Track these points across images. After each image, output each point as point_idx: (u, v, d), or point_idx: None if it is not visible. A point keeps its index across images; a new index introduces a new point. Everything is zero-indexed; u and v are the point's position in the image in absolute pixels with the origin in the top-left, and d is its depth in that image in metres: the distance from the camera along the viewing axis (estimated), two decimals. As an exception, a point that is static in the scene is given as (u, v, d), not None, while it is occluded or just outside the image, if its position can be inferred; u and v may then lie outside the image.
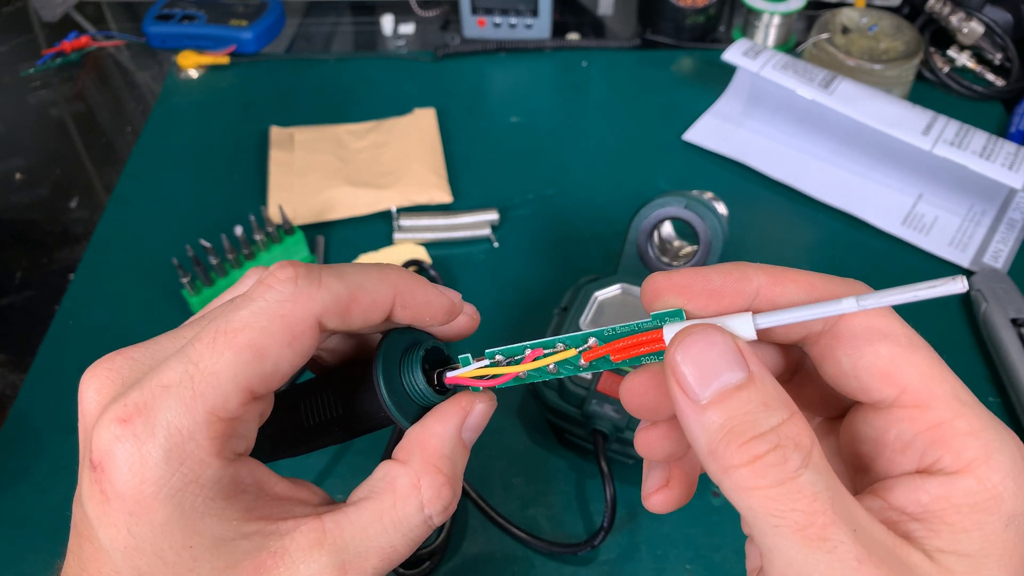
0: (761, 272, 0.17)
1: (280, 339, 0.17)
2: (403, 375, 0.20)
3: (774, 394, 0.15)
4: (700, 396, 0.15)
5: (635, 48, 0.68)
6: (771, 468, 0.14)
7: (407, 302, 0.19)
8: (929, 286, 0.15)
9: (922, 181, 0.53)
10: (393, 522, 0.18)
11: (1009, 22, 0.63)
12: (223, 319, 0.17)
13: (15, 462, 0.41)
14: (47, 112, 0.64)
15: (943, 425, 0.16)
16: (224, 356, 0.16)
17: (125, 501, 0.16)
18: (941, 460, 0.16)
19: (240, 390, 0.16)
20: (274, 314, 0.17)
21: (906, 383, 0.16)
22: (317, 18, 0.74)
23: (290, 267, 0.17)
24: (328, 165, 0.55)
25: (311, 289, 0.17)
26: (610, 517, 0.35)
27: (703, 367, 0.15)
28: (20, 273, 0.52)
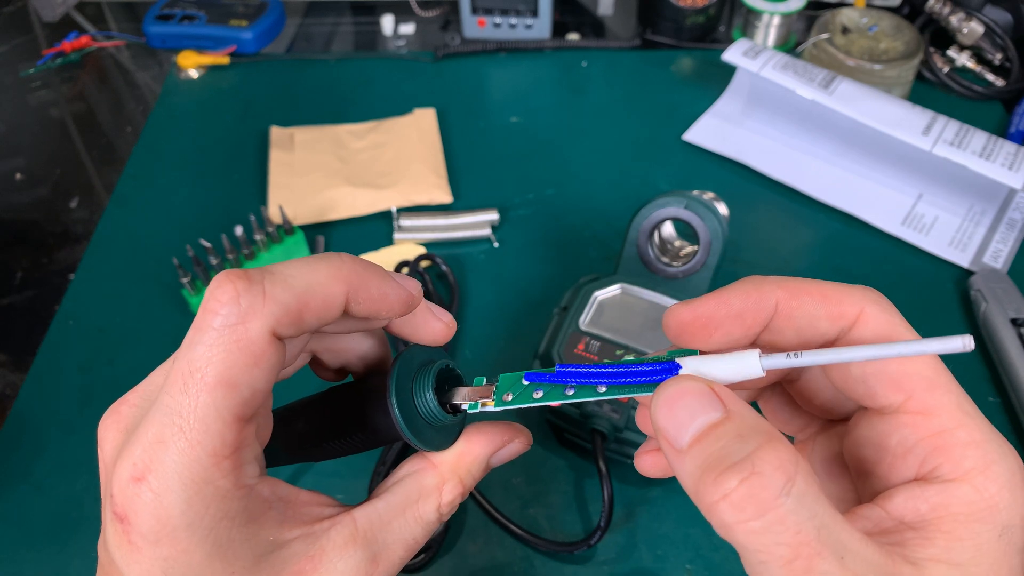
0: (778, 287, 0.18)
1: (243, 365, 0.17)
2: (416, 398, 0.21)
3: (751, 424, 0.15)
4: (681, 443, 0.16)
5: (635, 48, 0.68)
6: (749, 499, 0.14)
7: (361, 297, 0.19)
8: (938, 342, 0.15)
9: (922, 181, 0.53)
10: (415, 517, 0.20)
11: (1009, 22, 0.63)
12: (184, 360, 0.17)
13: (15, 462, 0.41)
14: (47, 112, 0.64)
15: (945, 433, 0.16)
16: (201, 399, 0.17)
17: (159, 547, 0.17)
18: (941, 467, 0.16)
19: (229, 424, 0.17)
20: (228, 342, 0.17)
21: (912, 390, 0.17)
22: (317, 18, 0.74)
23: (228, 283, 0.17)
24: (328, 165, 0.55)
25: (256, 305, 0.17)
26: (607, 517, 0.35)
27: (679, 415, 0.16)
28: (20, 273, 0.52)
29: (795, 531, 0.14)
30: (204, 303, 0.17)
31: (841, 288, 0.18)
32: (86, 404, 0.43)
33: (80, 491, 0.40)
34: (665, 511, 0.38)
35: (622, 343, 0.39)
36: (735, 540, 0.15)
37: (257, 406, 0.18)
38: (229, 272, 0.17)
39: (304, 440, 0.22)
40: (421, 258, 0.47)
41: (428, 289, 0.46)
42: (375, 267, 0.20)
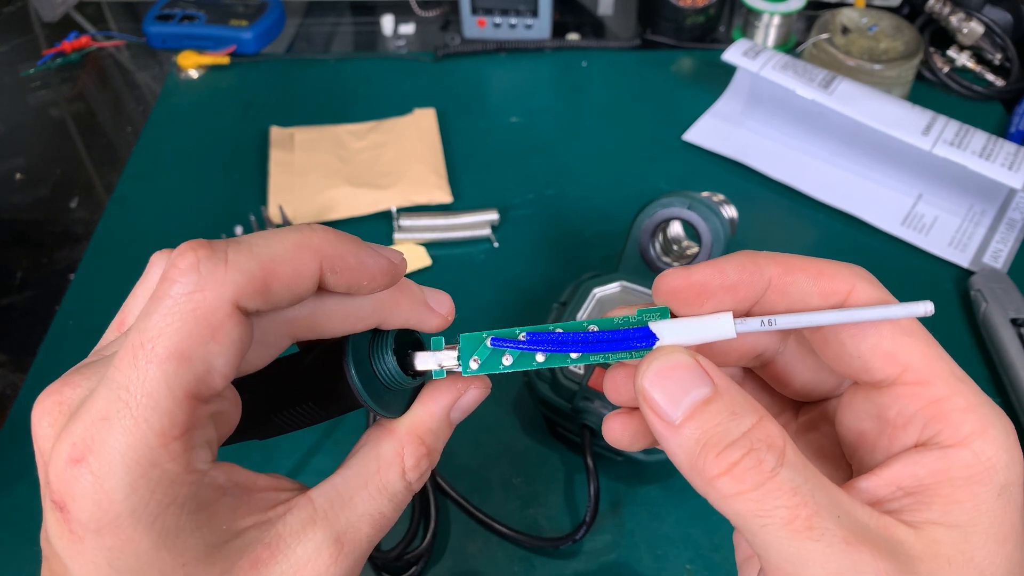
0: (772, 262, 0.18)
1: (200, 336, 0.15)
2: (374, 362, 0.19)
3: (741, 401, 0.16)
4: (673, 417, 0.16)
5: (635, 48, 0.68)
6: (749, 472, 0.15)
7: (337, 267, 0.17)
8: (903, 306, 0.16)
9: (922, 181, 0.53)
10: (378, 488, 0.19)
11: (1009, 22, 0.63)
12: (136, 330, 0.15)
13: (15, 462, 0.41)
14: (47, 112, 0.64)
15: (942, 401, 0.17)
16: (150, 372, 0.15)
17: (101, 536, 0.15)
18: (940, 434, 0.16)
19: (181, 402, 0.15)
20: (184, 311, 0.15)
21: (908, 362, 0.17)
22: (317, 18, 0.74)
23: (190, 252, 0.16)
24: (328, 165, 0.55)
25: (217, 273, 0.16)
26: (592, 512, 0.35)
27: (671, 389, 0.16)
28: (20, 273, 0.52)
29: (792, 494, 0.15)
30: (164, 272, 0.16)
31: (833, 265, 0.18)
32: (86, 404, 0.43)
33: (80, 491, 0.40)
34: (665, 511, 0.38)
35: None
36: (734, 509, 0.15)
37: (215, 387, 0.16)
38: (192, 241, 0.16)
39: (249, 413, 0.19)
40: None
41: None
42: (350, 237, 0.18)
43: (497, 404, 0.43)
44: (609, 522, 0.38)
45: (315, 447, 0.41)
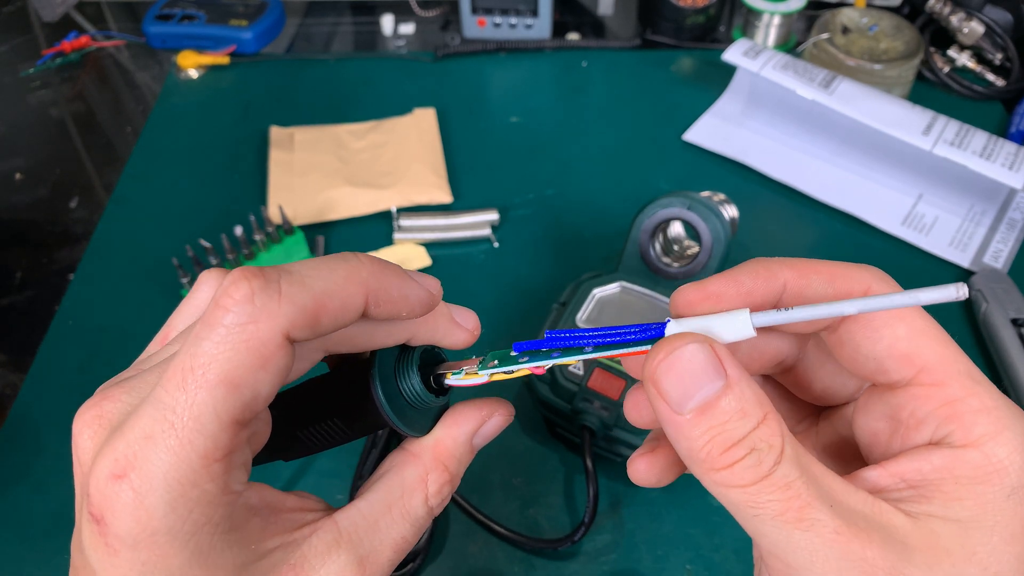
0: (786, 267, 0.18)
1: (251, 366, 0.16)
2: (399, 380, 0.20)
3: (750, 398, 0.16)
4: (682, 410, 0.16)
5: (635, 48, 0.68)
6: (748, 470, 0.16)
7: (381, 299, 0.18)
8: (930, 291, 0.15)
9: (922, 181, 0.53)
10: (402, 514, 0.19)
11: (1009, 22, 0.63)
12: (187, 354, 0.16)
13: (15, 462, 0.41)
14: (47, 112, 0.64)
15: (957, 402, 0.17)
16: (199, 397, 0.15)
17: (137, 551, 0.16)
18: (952, 435, 0.16)
19: (225, 426, 0.16)
20: (238, 341, 0.16)
21: (923, 363, 0.17)
22: (317, 18, 0.74)
23: (244, 282, 0.16)
24: (328, 165, 0.55)
25: (271, 306, 0.16)
26: (591, 513, 0.35)
27: (682, 382, 0.16)
28: (20, 273, 0.52)
29: (785, 488, 0.15)
30: (216, 299, 0.16)
31: (847, 268, 0.18)
32: (86, 404, 0.43)
33: (80, 491, 0.40)
34: (665, 511, 0.38)
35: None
36: (728, 499, 0.16)
37: (257, 411, 0.16)
38: (245, 269, 0.16)
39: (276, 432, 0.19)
40: None
41: None
42: (394, 267, 0.19)
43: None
44: (609, 522, 0.38)
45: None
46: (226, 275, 0.17)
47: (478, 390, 0.21)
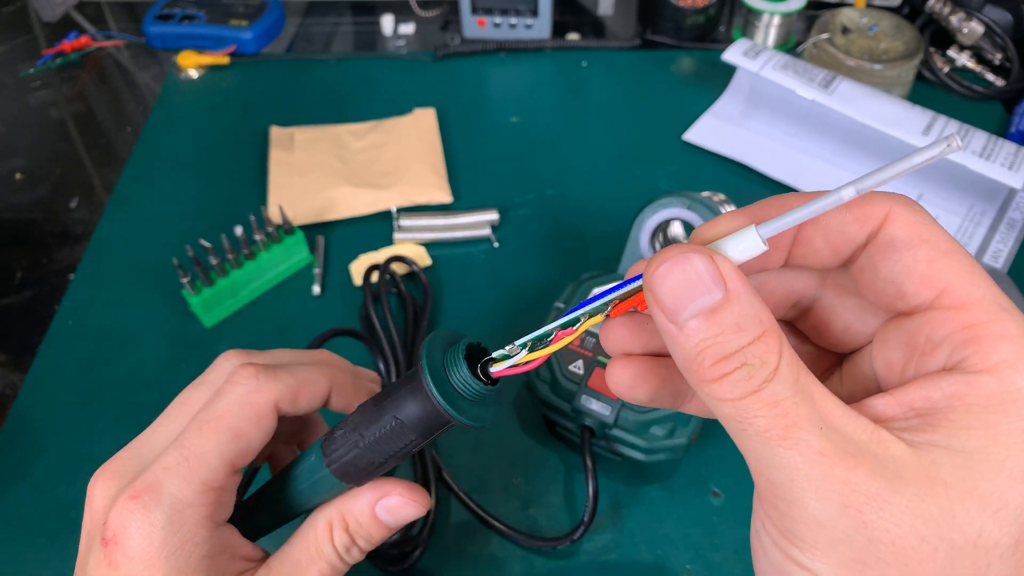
0: (803, 198, 0.17)
1: (251, 421, 0.21)
2: (449, 374, 0.21)
3: (748, 313, 0.15)
4: (678, 318, 0.16)
5: (635, 48, 0.68)
6: (737, 383, 0.15)
7: (340, 392, 0.25)
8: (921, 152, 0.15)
9: (922, 181, 0.53)
10: (312, 557, 0.23)
11: (1009, 22, 0.63)
12: (206, 411, 0.21)
13: (15, 462, 0.41)
14: (47, 112, 0.64)
15: (977, 326, 0.15)
16: (210, 439, 0.21)
17: (132, 563, 0.20)
18: (968, 359, 0.15)
19: (224, 464, 0.21)
20: (244, 402, 0.21)
21: (945, 284, 0.16)
22: (317, 18, 0.74)
23: (251, 366, 0.22)
24: (328, 165, 0.55)
25: (270, 383, 0.22)
26: (591, 512, 0.35)
27: (679, 291, 0.16)
28: (20, 273, 0.52)
29: (773, 406, 0.15)
30: (230, 376, 0.22)
31: (866, 195, 0.17)
32: (86, 404, 0.43)
33: (79, 491, 0.39)
34: (665, 511, 0.38)
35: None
36: (719, 411, 0.16)
37: (247, 460, 0.22)
38: (243, 354, 0.23)
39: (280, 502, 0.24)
40: (391, 260, 0.47)
41: (400, 290, 0.46)
42: (354, 371, 0.26)
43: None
44: (609, 522, 0.38)
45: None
46: (238, 352, 0.24)
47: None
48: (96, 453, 0.41)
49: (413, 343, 0.44)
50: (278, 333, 0.47)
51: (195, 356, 0.45)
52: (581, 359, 0.38)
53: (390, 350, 0.42)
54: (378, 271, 0.45)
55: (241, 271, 0.47)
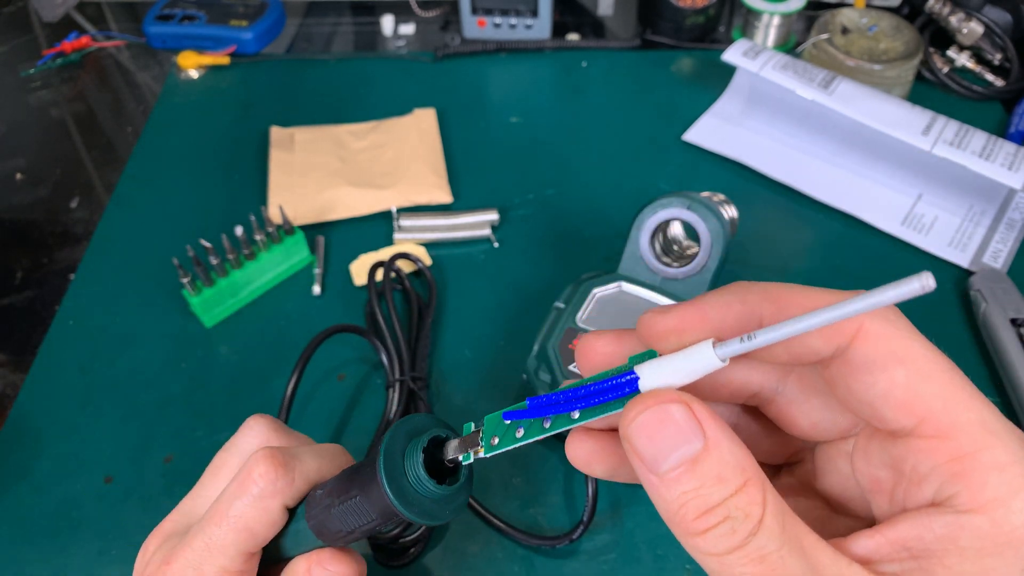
0: (765, 300, 0.16)
1: (263, 522, 0.24)
2: (407, 467, 0.22)
3: (729, 462, 0.15)
4: (659, 470, 0.15)
5: (635, 49, 0.68)
6: (721, 538, 0.15)
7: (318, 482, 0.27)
8: (892, 288, 0.13)
9: (922, 181, 0.53)
10: None
11: (1008, 22, 0.63)
12: (227, 504, 0.24)
13: (15, 462, 0.41)
14: (47, 112, 0.64)
15: (965, 458, 0.15)
16: (229, 536, 0.24)
17: None
18: (958, 496, 0.15)
19: (240, 554, 0.24)
20: (260, 507, 0.24)
21: (925, 412, 0.15)
22: (317, 18, 0.74)
23: (272, 469, 0.24)
24: (328, 165, 0.55)
25: (285, 488, 0.24)
26: (590, 512, 0.36)
27: (659, 442, 0.15)
28: (21, 273, 0.52)
29: (758, 561, 0.14)
30: (249, 469, 0.24)
31: (837, 298, 0.15)
32: (86, 404, 0.43)
33: (79, 491, 0.40)
34: (665, 511, 0.38)
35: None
36: (704, 564, 0.15)
37: (260, 546, 0.25)
38: (274, 454, 0.24)
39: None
40: (396, 257, 0.47)
41: (405, 287, 0.46)
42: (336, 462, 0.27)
43: (496, 404, 0.43)
44: (609, 522, 0.38)
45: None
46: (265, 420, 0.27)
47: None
48: (96, 453, 0.41)
49: (417, 340, 0.44)
50: (278, 333, 0.47)
51: (195, 356, 0.45)
52: (581, 359, 0.38)
53: (394, 346, 0.42)
54: (383, 268, 0.45)
55: (241, 271, 0.47)
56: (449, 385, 0.44)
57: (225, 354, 0.46)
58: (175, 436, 0.42)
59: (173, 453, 0.41)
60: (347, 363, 0.45)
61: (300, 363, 0.39)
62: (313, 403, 0.43)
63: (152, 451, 0.41)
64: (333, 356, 0.45)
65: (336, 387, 0.44)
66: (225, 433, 0.41)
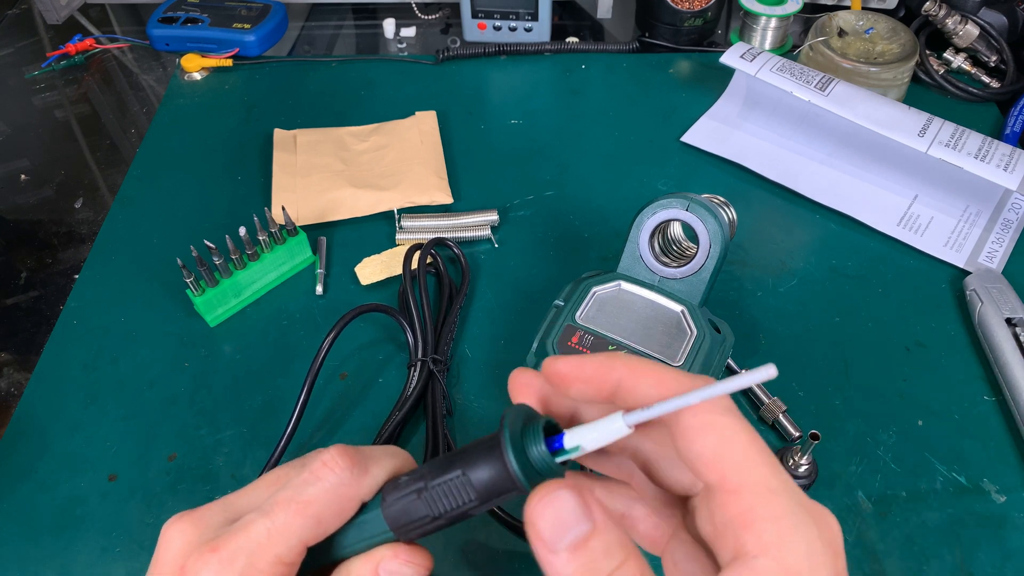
0: (623, 366, 0.21)
1: (334, 512, 0.23)
2: (527, 445, 0.22)
3: (614, 540, 0.18)
4: (556, 548, 0.18)
5: (633, 51, 0.68)
6: None
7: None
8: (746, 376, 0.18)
9: (918, 182, 0.54)
10: None
11: (1004, 24, 0.63)
12: (297, 490, 0.23)
13: (20, 460, 0.41)
14: (52, 114, 0.65)
15: (748, 511, 0.18)
16: (295, 520, 0.22)
17: None
18: (747, 544, 0.18)
19: (299, 543, 0.22)
20: (333, 494, 0.23)
21: (723, 470, 0.19)
22: (319, 21, 0.74)
23: (347, 458, 0.23)
24: (331, 167, 0.56)
25: (361, 478, 0.23)
26: None
27: (556, 522, 0.18)
28: (25, 273, 0.52)
29: None
30: (325, 459, 0.23)
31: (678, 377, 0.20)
32: (90, 403, 0.44)
33: (84, 489, 0.40)
34: (663, 508, 0.39)
35: (615, 339, 0.39)
36: None
37: (319, 540, 0.23)
38: (348, 448, 0.24)
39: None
40: (434, 243, 0.48)
41: (439, 270, 0.47)
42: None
43: (497, 402, 0.43)
44: (608, 519, 0.38)
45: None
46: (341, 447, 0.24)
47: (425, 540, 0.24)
48: (100, 451, 0.41)
49: (443, 323, 0.45)
50: (281, 333, 0.47)
51: (199, 355, 0.46)
52: (580, 357, 0.39)
53: (420, 328, 0.43)
54: (419, 251, 0.47)
55: (245, 271, 0.47)
56: (449, 383, 0.44)
57: (228, 353, 0.46)
58: (179, 435, 0.42)
59: (177, 451, 0.41)
60: (348, 362, 0.45)
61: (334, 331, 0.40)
62: (314, 400, 0.43)
63: (156, 449, 0.41)
64: (334, 355, 0.45)
65: (338, 385, 0.44)
66: (228, 431, 0.42)
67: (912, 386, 0.43)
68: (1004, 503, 0.39)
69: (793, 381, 0.44)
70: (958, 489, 0.39)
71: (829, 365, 0.45)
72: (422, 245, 0.47)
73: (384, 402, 0.43)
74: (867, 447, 0.41)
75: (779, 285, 0.49)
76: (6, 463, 0.41)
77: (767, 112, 0.58)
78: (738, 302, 0.48)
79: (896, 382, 0.44)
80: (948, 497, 0.39)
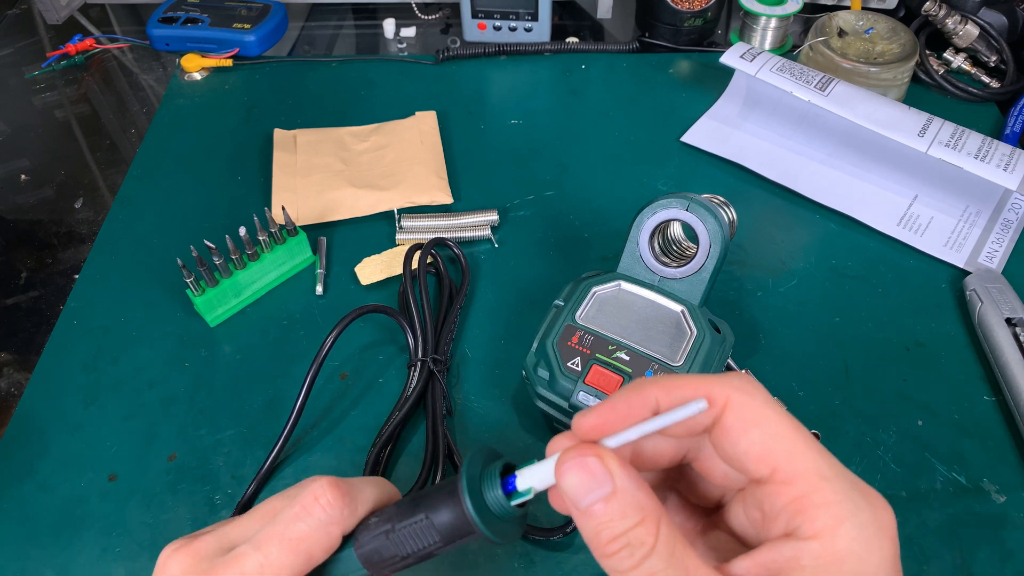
0: (656, 388, 0.22)
1: (323, 549, 0.24)
2: (484, 490, 0.23)
3: (631, 502, 0.20)
4: (581, 505, 0.20)
5: (634, 51, 0.68)
6: (623, 559, 0.20)
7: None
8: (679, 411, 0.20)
9: (918, 182, 0.54)
10: None
11: (1004, 24, 0.63)
12: (286, 526, 0.24)
13: (20, 460, 0.41)
14: (52, 114, 0.65)
15: (802, 498, 0.19)
16: (287, 557, 0.24)
17: None
18: (800, 528, 0.19)
19: None
20: (323, 532, 0.24)
21: (775, 463, 0.20)
22: (319, 22, 0.74)
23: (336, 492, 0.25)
24: (331, 167, 0.56)
25: (347, 519, 0.25)
26: None
27: (579, 485, 0.20)
28: (25, 273, 0.52)
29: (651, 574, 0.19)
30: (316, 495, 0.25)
31: (712, 380, 0.21)
32: (90, 403, 0.44)
33: (84, 489, 0.40)
34: (663, 508, 0.39)
35: (615, 339, 0.39)
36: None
37: (308, 571, 0.24)
38: (338, 483, 0.25)
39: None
40: (434, 243, 0.48)
41: (439, 270, 0.47)
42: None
43: (497, 402, 0.43)
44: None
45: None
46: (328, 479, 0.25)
47: None
48: (100, 451, 0.42)
49: (443, 324, 0.45)
50: (281, 333, 0.47)
51: (199, 355, 0.46)
52: (579, 356, 0.39)
53: (420, 328, 0.43)
54: (419, 251, 0.47)
55: (245, 271, 0.47)
56: (449, 383, 0.44)
57: (228, 353, 0.46)
58: (179, 435, 0.42)
59: (177, 451, 0.41)
60: (348, 362, 0.45)
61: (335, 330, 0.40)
62: (314, 400, 0.43)
63: (156, 449, 0.42)
64: (334, 354, 0.45)
65: (338, 385, 0.44)
66: (228, 431, 0.42)
67: (912, 386, 0.43)
68: (1004, 503, 0.39)
69: (793, 381, 0.44)
70: (958, 489, 0.39)
71: (829, 365, 0.45)
72: (422, 245, 0.47)
73: (384, 402, 0.43)
74: (867, 447, 0.41)
75: (779, 285, 0.49)
76: (6, 463, 0.41)
77: (767, 112, 0.58)
78: (738, 302, 0.48)
79: (896, 382, 0.44)
80: (948, 497, 0.39)
